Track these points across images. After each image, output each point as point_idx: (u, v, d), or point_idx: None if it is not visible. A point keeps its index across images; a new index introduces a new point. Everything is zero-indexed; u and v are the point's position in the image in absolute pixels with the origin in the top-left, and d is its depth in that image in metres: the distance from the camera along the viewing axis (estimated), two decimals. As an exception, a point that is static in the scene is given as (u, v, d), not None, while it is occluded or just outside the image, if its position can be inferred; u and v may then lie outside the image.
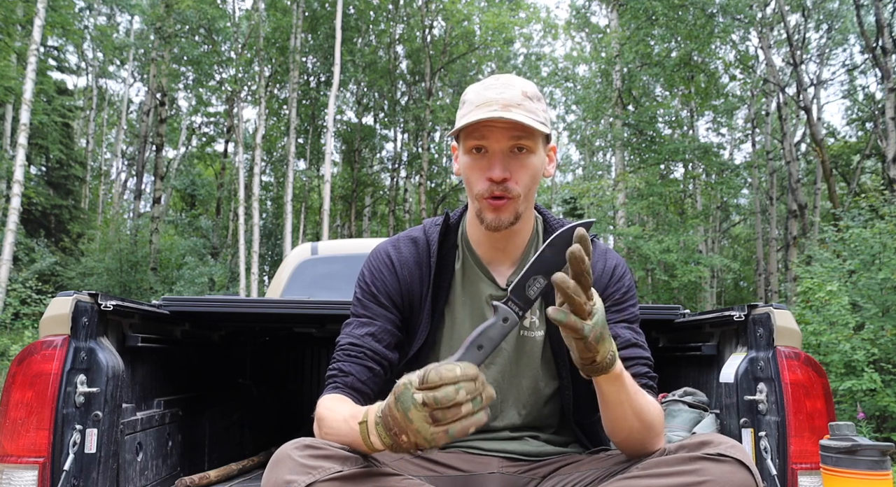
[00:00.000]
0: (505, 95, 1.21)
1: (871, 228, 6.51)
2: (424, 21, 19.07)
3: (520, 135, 1.21)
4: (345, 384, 1.21)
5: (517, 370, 1.31)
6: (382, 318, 1.29)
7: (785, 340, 1.56)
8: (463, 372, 0.85)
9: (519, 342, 1.32)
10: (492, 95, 1.22)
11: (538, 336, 1.32)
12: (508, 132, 1.21)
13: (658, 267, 12.69)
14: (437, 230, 1.35)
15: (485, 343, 0.92)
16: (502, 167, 1.21)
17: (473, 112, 1.21)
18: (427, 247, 1.34)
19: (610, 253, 1.38)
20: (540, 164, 1.28)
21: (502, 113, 1.18)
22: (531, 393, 1.32)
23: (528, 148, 1.23)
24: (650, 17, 12.79)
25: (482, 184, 1.23)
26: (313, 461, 0.97)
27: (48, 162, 19.79)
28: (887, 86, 10.14)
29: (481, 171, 1.24)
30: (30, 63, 10.77)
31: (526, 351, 1.32)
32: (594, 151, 25.45)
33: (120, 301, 1.59)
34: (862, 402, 5.40)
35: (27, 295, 10.72)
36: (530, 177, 1.25)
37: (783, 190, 16.58)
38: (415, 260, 1.34)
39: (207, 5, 15.58)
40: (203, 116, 22.92)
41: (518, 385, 1.31)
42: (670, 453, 1.02)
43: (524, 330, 1.33)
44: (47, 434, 1.42)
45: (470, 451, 1.28)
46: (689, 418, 1.79)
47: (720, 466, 0.95)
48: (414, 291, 1.32)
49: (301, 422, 2.96)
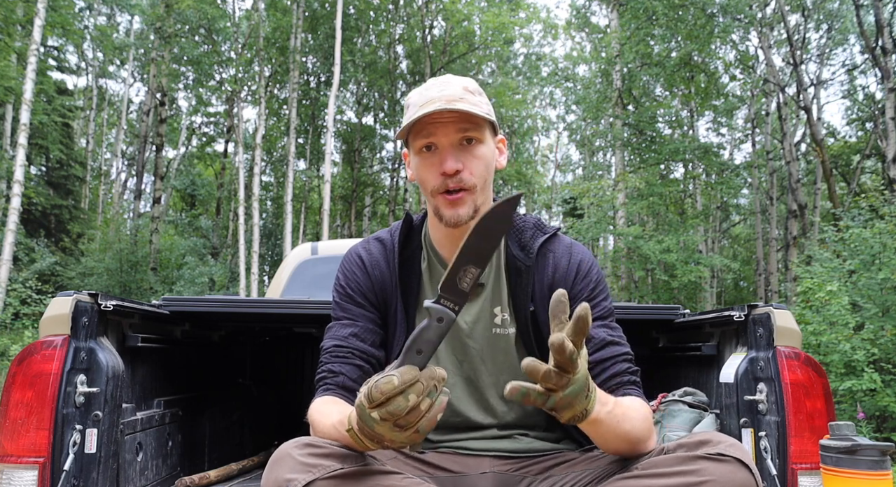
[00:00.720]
0: (446, 92, 1.23)
1: (871, 228, 6.51)
2: (424, 21, 19.07)
3: (466, 128, 1.23)
4: (336, 384, 1.22)
5: (494, 368, 1.32)
6: (363, 318, 1.30)
7: (785, 340, 1.56)
8: (402, 380, 0.85)
9: (491, 339, 1.32)
10: (433, 94, 1.24)
11: (510, 333, 1.32)
12: (455, 125, 1.22)
13: (658, 267, 12.69)
14: (398, 231, 1.37)
15: (423, 346, 0.90)
16: (454, 159, 1.22)
17: (417, 112, 1.22)
18: (393, 248, 1.35)
19: (575, 246, 1.37)
20: (491, 155, 1.28)
21: (446, 105, 1.19)
22: (500, 392, 1.31)
23: (477, 138, 1.25)
24: (650, 17, 12.79)
25: (435, 180, 1.24)
26: (313, 459, 0.98)
27: (48, 162, 19.79)
28: (887, 86, 10.14)
29: (433, 168, 1.25)
30: (30, 63, 10.77)
31: (500, 348, 1.32)
32: (594, 151, 25.45)
33: (120, 301, 1.59)
34: (862, 402, 5.40)
35: (27, 295, 10.72)
36: (484, 167, 1.26)
37: (783, 190, 16.58)
38: (384, 260, 1.35)
39: (207, 5, 15.58)
40: (203, 116, 22.94)
41: (498, 382, 1.31)
42: (669, 452, 1.01)
43: (495, 327, 1.32)
44: (47, 434, 1.42)
45: (461, 452, 1.29)
46: (689, 418, 1.79)
47: (720, 465, 0.95)
48: (386, 290, 1.33)
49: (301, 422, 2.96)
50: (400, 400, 0.85)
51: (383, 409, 0.85)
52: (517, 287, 1.31)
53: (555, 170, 29.56)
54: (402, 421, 0.86)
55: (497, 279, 1.34)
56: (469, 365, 1.32)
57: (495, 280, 1.34)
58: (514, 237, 1.35)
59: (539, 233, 1.35)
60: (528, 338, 1.30)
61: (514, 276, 1.32)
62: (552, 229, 1.37)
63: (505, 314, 1.33)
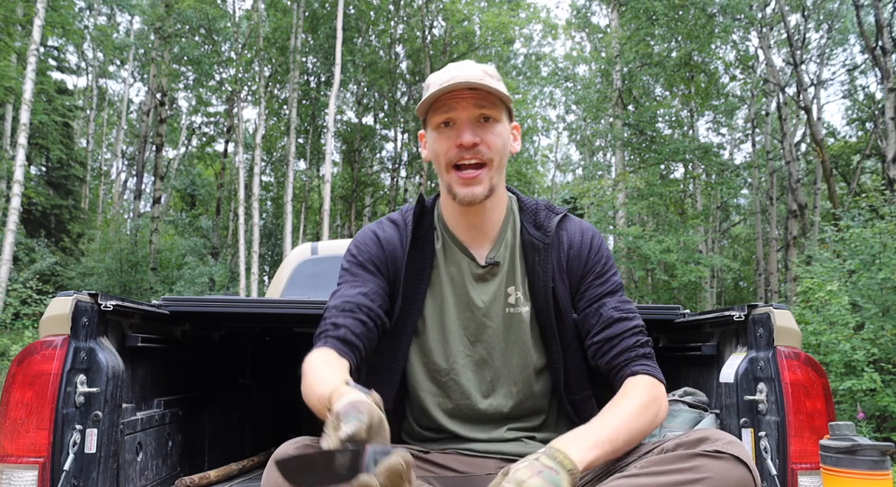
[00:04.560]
0: (467, 72, 1.26)
1: (871, 228, 6.51)
2: (424, 21, 19.06)
3: (484, 105, 1.26)
4: (336, 337, 1.20)
5: (506, 347, 1.33)
6: (373, 282, 1.30)
7: (785, 340, 1.56)
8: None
9: (506, 318, 1.33)
10: (453, 74, 1.26)
11: (524, 311, 1.34)
12: (474, 101, 1.25)
13: (658, 267, 12.68)
14: (412, 211, 1.38)
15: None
16: (471, 132, 1.25)
17: (439, 90, 1.25)
18: (406, 227, 1.37)
19: (584, 224, 1.41)
20: (507, 135, 1.31)
21: (467, 81, 1.23)
22: (521, 370, 1.33)
23: (494, 117, 1.28)
24: (650, 17, 12.79)
25: (452, 151, 1.26)
26: None
27: (48, 162, 19.79)
28: (887, 86, 10.14)
29: (449, 141, 1.27)
30: (30, 63, 10.77)
31: (514, 328, 1.33)
32: (594, 151, 25.44)
33: (120, 301, 1.59)
34: (862, 402, 5.39)
35: (27, 295, 10.71)
36: (501, 144, 1.28)
37: (783, 190, 16.57)
38: (397, 239, 1.36)
39: (207, 5, 15.58)
40: (203, 116, 22.94)
41: (508, 362, 1.33)
42: (668, 450, 1.02)
43: (509, 307, 1.33)
44: (47, 434, 1.42)
45: (466, 453, 1.29)
46: (689, 418, 1.79)
47: (718, 462, 0.95)
48: (398, 267, 1.34)
49: (301, 422, 2.96)
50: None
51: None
52: (535, 264, 1.33)
53: (555, 170, 29.56)
54: None
55: (512, 258, 1.36)
56: (483, 346, 1.33)
57: (510, 259, 1.36)
58: (528, 217, 1.38)
59: (551, 213, 1.39)
60: (544, 316, 1.32)
61: (532, 254, 1.34)
62: (563, 209, 1.41)
63: (518, 293, 1.34)
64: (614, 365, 1.24)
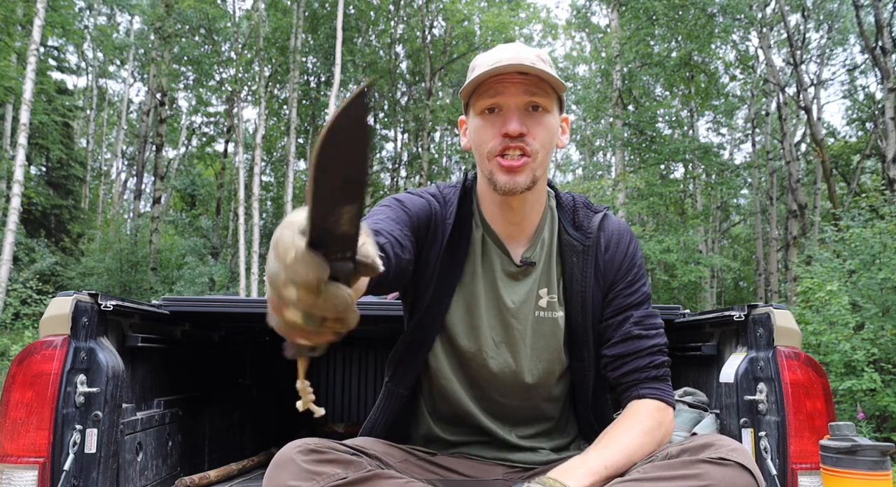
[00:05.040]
0: (519, 54, 1.14)
1: (871, 228, 6.51)
2: (424, 21, 19.06)
3: (535, 92, 1.14)
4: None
5: (531, 353, 1.26)
6: (405, 224, 1.14)
7: (785, 340, 1.56)
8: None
9: (535, 322, 1.25)
10: (504, 55, 1.15)
11: (559, 317, 1.26)
12: (524, 87, 1.14)
13: (658, 267, 12.69)
14: (453, 191, 1.27)
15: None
16: (518, 121, 1.14)
17: (485, 71, 1.14)
18: (445, 207, 1.24)
19: (622, 225, 1.31)
20: (555, 128, 1.20)
21: (518, 63, 1.11)
22: (546, 377, 1.27)
23: (545, 106, 1.16)
24: (650, 17, 12.79)
25: (495, 140, 1.15)
26: (317, 466, 0.97)
27: (48, 162, 19.79)
28: (887, 86, 10.14)
29: (494, 128, 1.15)
30: (30, 63, 10.76)
31: (543, 333, 1.26)
32: (594, 151, 25.44)
33: (120, 301, 1.59)
34: (862, 402, 5.39)
35: (27, 295, 10.71)
36: (548, 137, 1.17)
37: (783, 190, 16.57)
38: (440, 217, 1.23)
39: (207, 5, 15.58)
40: (203, 116, 22.93)
41: (534, 369, 1.25)
42: (672, 457, 1.00)
43: (539, 310, 1.24)
44: (47, 434, 1.42)
45: (474, 458, 1.28)
46: (689, 418, 1.79)
47: (723, 470, 0.94)
48: (437, 238, 1.21)
49: (301, 423, 2.96)
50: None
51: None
52: (574, 267, 1.25)
53: (555, 170, 29.56)
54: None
55: (548, 259, 1.27)
56: (507, 348, 1.25)
57: (546, 260, 1.27)
58: (566, 216, 1.29)
59: (590, 211, 1.30)
60: (578, 322, 1.24)
61: (570, 256, 1.25)
62: (602, 207, 1.32)
63: (553, 296, 1.26)
64: (623, 382, 1.21)
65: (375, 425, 1.30)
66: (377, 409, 1.31)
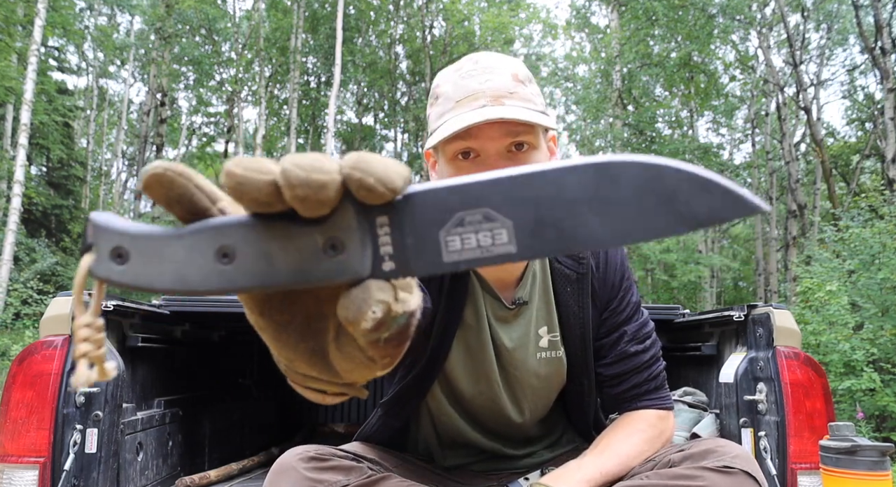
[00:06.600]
0: (493, 83, 0.97)
1: (871, 228, 6.51)
2: (424, 21, 19.06)
3: (518, 131, 0.97)
4: None
5: (531, 393, 1.20)
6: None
7: (784, 340, 1.57)
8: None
9: (537, 365, 1.17)
10: (474, 85, 0.97)
11: (562, 355, 1.18)
12: (504, 127, 0.96)
13: (658, 267, 12.70)
14: None
15: None
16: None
17: (454, 110, 0.97)
18: None
19: None
20: (545, 159, 1.04)
21: (495, 108, 0.94)
22: (545, 405, 1.24)
23: (530, 144, 0.99)
24: (650, 18, 12.79)
25: None
26: (318, 473, 0.96)
27: (49, 162, 19.79)
28: (887, 87, 10.14)
29: None
30: (30, 63, 10.77)
31: (546, 375, 1.18)
32: (594, 151, 25.44)
33: (120, 301, 1.59)
34: (861, 402, 5.39)
35: (28, 295, 10.72)
36: None
37: (783, 190, 16.57)
38: None
39: (208, 5, 15.59)
40: (203, 116, 22.93)
41: (533, 406, 1.21)
42: (675, 464, 0.98)
43: (540, 351, 1.16)
44: (48, 433, 1.42)
45: (474, 469, 1.28)
46: (688, 418, 1.79)
47: (726, 478, 0.91)
48: (435, 289, 1.10)
49: (301, 423, 2.96)
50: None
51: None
52: (570, 299, 1.15)
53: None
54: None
55: (543, 293, 1.16)
56: (508, 390, 1.18)
57: (541, 295, 1.16)
58: None
59: None
60: (579, 355, 1.16)
61: (563, 286, 1.15)
62: None
63: (555, 334, 1.16)
64: (623, 397, 1.17)
65: (369, 440, 1.27)
66: (372, 429, 1.26)
